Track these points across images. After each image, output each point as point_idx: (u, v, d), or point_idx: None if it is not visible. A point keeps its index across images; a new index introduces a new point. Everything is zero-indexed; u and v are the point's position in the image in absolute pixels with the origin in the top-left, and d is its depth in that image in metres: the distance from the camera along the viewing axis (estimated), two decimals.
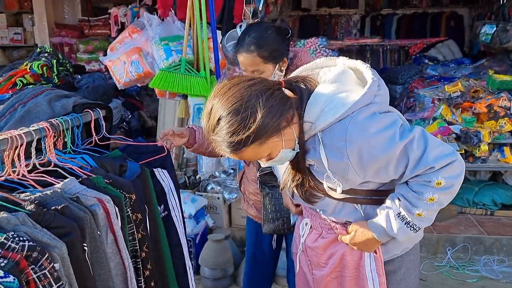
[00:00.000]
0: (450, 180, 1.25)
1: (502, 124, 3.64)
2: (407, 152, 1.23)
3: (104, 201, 1.41)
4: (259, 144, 1.20)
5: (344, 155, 1.24)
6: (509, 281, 3.16)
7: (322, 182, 1.35)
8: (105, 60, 3.23)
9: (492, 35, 3.86)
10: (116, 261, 1.46)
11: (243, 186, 2.23)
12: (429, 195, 1.25)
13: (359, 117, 1.22)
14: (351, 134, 1.21)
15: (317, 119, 1.25)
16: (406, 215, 1.29)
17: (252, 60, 1.88)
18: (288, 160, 1.33)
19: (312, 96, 1.29)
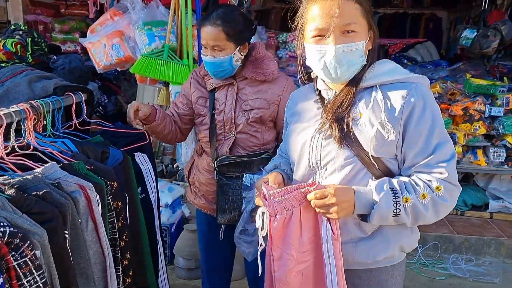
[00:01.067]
0: (447, 197, 1.26)
1: (476, 127, 3.73)
2: (437, 147, 1.25)
3: (86, 188, 1.37)
4: (362, 10, 1.27)
5: (398, 111, 1.27)
6: (476, 279, 3.26)
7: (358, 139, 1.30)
8: (85, 42, 3.14)
9: (472, 40, 3.94)
10: (95, 249, 1.43)
11: (193, 176, 2.20)
12: (425, 190, 1.25)
13: (422, 87, 1.29)
14: (412, 95, 1.26)
15: (382, 74, 1.31)
16: (398, 192, 1.25)
17: (216, 34, 1.88)
18: (354, 60, 1.28)
19: (381, 61, 1.37)
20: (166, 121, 2.04)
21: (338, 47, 1.26)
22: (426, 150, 1.26)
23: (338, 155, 1.33)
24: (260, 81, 2.01)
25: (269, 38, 5.67)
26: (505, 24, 3.97)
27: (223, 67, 1.94)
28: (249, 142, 2.03)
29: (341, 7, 1.24)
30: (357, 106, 1.32)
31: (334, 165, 1.34)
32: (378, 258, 1.35)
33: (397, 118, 1.27)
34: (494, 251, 3.56)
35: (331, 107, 1.35)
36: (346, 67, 1.29)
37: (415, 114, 1.26)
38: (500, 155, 3.78)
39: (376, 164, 1.31)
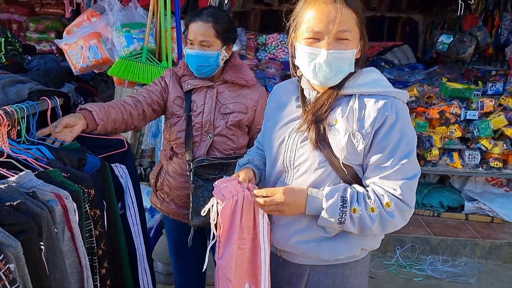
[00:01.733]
0: (396, 214, 1.29)
1: (452, 130, 3.80)
2: (399, 163, 1.28)
3: (62, 197, 1.33)
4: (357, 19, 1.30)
5: (370, 122, 1.29)
6: (452, 280, 3.32)
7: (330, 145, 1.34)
8: (61, 43, 3.07)
9: (449, 45, 4.01)
10: (71, 259, 1.39)
11: (161, 181, 2.17)
12: (374, 204, 1.29)
13: (398, 103, 1.32)
14: (386, 109, 1.29)
15: (363, 84, 1.34)
16: (347, 202, 1.29)
17: (206, 30, 1.92)
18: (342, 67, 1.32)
19: (367, 69, 1.39)
20: (111, 115, 1.89)
21: (330, 52, 1.28)
22: (386, 164, 1.29)
23: (311, 158, 1.36)
24: (239, 85, 2.05)
25: (248, 40, 5.67)
26: (480, 30, 4.06)
27: (209, 62, 1.97)
28: (226, 145, 2.04)
29: (340, 14, 1.26)
30: (334, 112, 1.35)
31: (305, 167, 1.38)
32: (340, 257, 1.41)
33: (368, 129, 1.30)
34: (469, 252, 3.63)
35: (311, 109, 1.38)
36: (334, 73, 1.32)
37: (384, 128, 1.29)
38: (475, 157, 3.86)
39: (345, 170, 1.34)
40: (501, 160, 3.88)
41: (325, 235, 1.40)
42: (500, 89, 4.24)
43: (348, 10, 1.28)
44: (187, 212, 2.08)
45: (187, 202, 2.07)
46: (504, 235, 3.71)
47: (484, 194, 4.05)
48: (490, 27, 5.23)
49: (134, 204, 1.92)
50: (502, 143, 3.79)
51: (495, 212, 3.92)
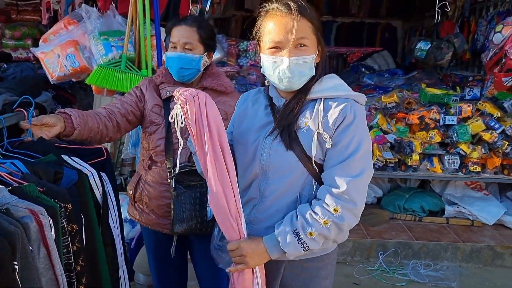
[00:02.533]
0: (345, 215, 1.37)
1: (432, 136, 3.84)
2: (349, 159, 1.38)
3: (37, 213, 1.29)
4: (313, 28, 1.41)
5: (331, 122, 1.40)
6: (434, 284, 3.35)
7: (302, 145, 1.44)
8: (37, 52, 3.01)
9: (427, 52, 4.07)
10: (48, 276, 1.35)
11: (140, 192, 2.13)
12: (324, 217, 1.37)
13: (357, 105, 1.44)
14: (346, 110, 1.40)
15: (327, 89, 1.45)
16: (300, 232, 1.39)
17: (190, 33, 1.96)
18: (304, 71, 1.42)
19: (328, 76, 1.51)
20: (88, 123, 1.86)
21: (291, 59, 1.39)
22: (337, 160, 1.40)
23: (285, 159, 1.45)
24: (218, 92, 2.08)
25: (229, 46, 5.66)
26: (457, 37, 4.14)
27: (191, 65, 1.99)
28: None
29: (296, 24, 1.37)
30: (303, 115, 1.46)
31: (281, 168, 1.47)
32: (314, 251, 1.48)
33: (330, 128, 1.41)
34: (451, 255, 3.66)
35: (283, 114, 1.47)
36: (297, 77, 1.43)
37: (341, 127, 1.40)
38: (455, 162, 3.91)
39: (317, 168, 1.44)
40: (479, 164, 3.93)
41: None
42: (477, 94, 4.32)
43: (303, 19, 1.39)
44: (168, 222, 2.05)
45: (167, 211, 2.05)
46: (484, 238, 3.76)
47: (464, 198, 4.10)
48: (467, 33, 5.34)
49: (115, 209, 1.89)
50: (480, 148, 3.85)
51: (475, 216, 3.97)
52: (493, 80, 3.74)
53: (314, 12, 1.43)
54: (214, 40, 2.07)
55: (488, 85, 4.27)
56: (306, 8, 1.40)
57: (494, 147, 3.84)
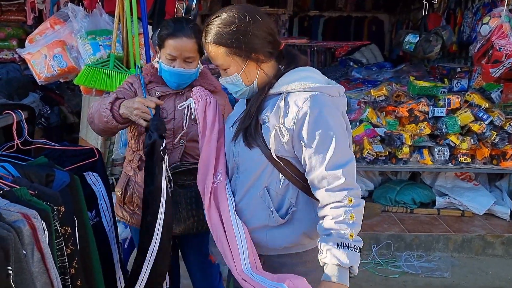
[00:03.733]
0: (357, 200, 1.37)
1: (421, 128, 3.87)
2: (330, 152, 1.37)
3: (30, 216, 1.28)
4: (227, 50, 1.44)
5: (292, 117, 1.41)
6: (427, 275, 3.38)
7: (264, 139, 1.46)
8: (23, 53, 2.96)
9: (415, 45, 4.09)
10: (43, 280, 1.34)
11: (130, 194, 2.09)
12: (347, 214, 1.35)
13: (322, 96, 1.42)
14: (307, 103, 1.39)
15: (290, 82, 1.45)
16: (344, 242, 1.33)
17: (192, 46, 1.91)
18: (234, 89, 1.53)
19: (299, 68, 1.50)
20: None
21: (222, 80, 1.54)
22: (321, 155, 1.38)
23: (249, 155, 1.50)
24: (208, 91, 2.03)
25: None
26: (445, 30, 4.16)
27: (190, 78, 1.99)
28: (198, 151, 2.00)
29: (209, 52, 1.49)
30: (266, 110, 1.48)
31: (246, 164, 1.52)
32: (286, 245, 1.52)
33: (291, 123, 1.41)
34: (442, 246, 3.70)
35: (244, 116, 1.53)
36: (235, 91, 1.55)
37: (308, 121, 1.39)
38: (445, 153, 3.94)
39: (281, 162, 1.46)
40: (469, 155, 3.98)
41: (270, 224, 1.51)
42: (465, 85, 4.35)
43: (214, 47, 1.45)
44: None
45: None
46: (475, 228, 3.80)
47: (454, 189, 4.15)
48: (453, 25, 5.37)
49: (109, 210, 1.89)
50: (469, 139, 3.89)
51: (465, 206, 4.01)
52: (481, 72, 3.77)
53: (225, 34, 1.42)
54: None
55: (476, 76, 4.30)
56: (217, 35, 1.43)
57: (483, 137, 3.89)
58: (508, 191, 4.14)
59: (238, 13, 1.42)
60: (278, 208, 1.50)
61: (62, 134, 4.59)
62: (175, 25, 1.91)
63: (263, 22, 1.44)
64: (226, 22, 1.41)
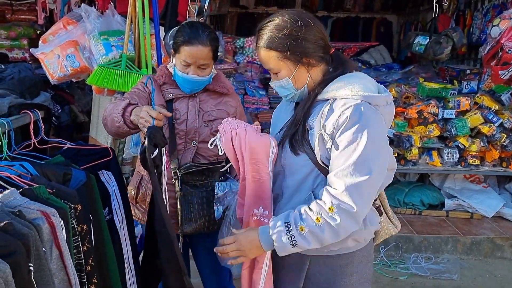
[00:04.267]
0: (340, 216, 1.35)
1: (430, 130, 3.87)
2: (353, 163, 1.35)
3: (49, 214, 1.30)
4: (279, 55, 1.45)
5: (333, 123, 1.39)
6: (436, 277, 3.38)
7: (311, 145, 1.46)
8: (37, 53, 3.00)
9: (425, 46, 4.08)
10: (60, 277, 1.36)
11: (143, 193, 2.14)
12: (317, 214, 1.37)
13: (365, 105, 1.39)
14: (349, 111, 1.37)
15: (337, 89, 1.45)
16: (292, 225, 1.39)
17: (207, 54, 1.93)
18: (284, 92, 1.53)
19: (349, 74, 1.49)
20: None
21: (272, 84, 1.56)
22: (339, 162, 1.38)
23: (295, 161, 1.49)
24: (219, 94, 2.10)
25: (226, 43, 5.65)
26: (456, 32, 4.15)
27: (204, 84, 2.02)
28: (210, 152, 2.04)
29: (264, 58, 1.50)
30: (313, 116, 1.48)
31: (292, 168, 1.51)
32: (333, 248, 1.50)
33: (331, 129, 1.40)
34: (451, 248, 3.70)
35: (291, 122, 1.53)
36: (285, 95, 1.56)
37: (343, 128, 1.37)
38: (454, 155, 3.93)
39: (327, 167, 1.44)
40: (478, 158, 3.96)
41: None
42: (475, 87, 4.34)
43: (266, 51, 1.47)
44: (172, 222, 2.05)
45: (171, 211, 2.04)
46: (484, 231, 3.79)
47: (463, 191, 4.14)
48: (462, 26, 5.36)
49: (121, 208, 1.91)
50: (479, 141, 3.88)
51: (474, 208, 4.00)
52: (490, 74, 3.77)
53: (279, 39, 1.43)
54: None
55: (485, 78, 4.29)
56: (269, 40, 1.44)
57: (492, 140, 3.87)
58: None
59: (290, 18, 1.43)
60: None
61: (72, 133, 4.62)
62: (191, 32, 1.92)
63: (314, 27, 1.45)
64: (278, 27, 1.43)
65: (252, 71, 5.47)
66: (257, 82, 5.45)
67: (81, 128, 4.81)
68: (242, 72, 5.48)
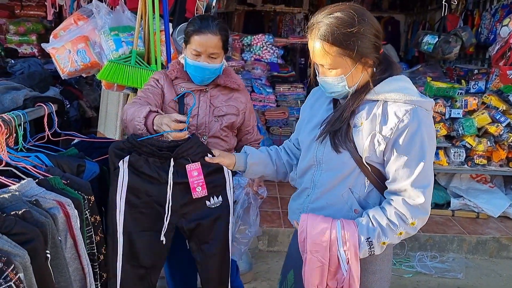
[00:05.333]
0: (418, 226, 1.43)
1: (437, 129, 3.87)
2: (418, 170, 1.38)
3: (65, 204, 1.33)
4: (340, 51, 1.39)
5: (391, 127, 1.40)
6: (441, 276, 3.39)
7: (355, 144, 1.46)
8: (48, 48, 3.02)
9: (434, 45, 4.08)
10: (74, 266, 1.39)
11: None
12: (401, 229, 1.41)
13: (421, 111, 1.40)
14: (408, 117, 1.38)
15: (389, 91, 1.44)
16: (374, 241, 1.43)
17: (217, 42, 1.95)
18: (333, 89, 1.48)
19: (396, 77, 1.48)
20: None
21: (320, 78, 1.50)
22: (408, 170, 1.39)
23: (336, 157, 1.50)
24: (230, 89, 2.12)
25: (233, 41, 5.67)
26: (465, 31, 4.15)
27: (214, 74, 2.03)
28: (219, 146, 2.07)
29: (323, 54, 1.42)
30: (360, 115, 1.47)
31: (333, 163, 1.52)
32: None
33: (388, 133, 1.40)
34: (456, 247, 3.70)
35: (332, 118, 1.53)
36: (330, 91, 1.51)
37: (405, 135, 1.38)
38: (460, 155, 3.94)
39: (369, 167, 1.47)
40: (485, 157, 3.96)
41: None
42: (482, 87, 4.34)
43: (328, 45, 1.40)
44: None
45: None
46: (490, 230, 3.80)
47: (469, 191, 4.14)
48: (470, 26, 5.34)
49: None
50: (486, 141, 3.88)
51: (480, 208, 4.00)
52: (498, 73, 3.76)
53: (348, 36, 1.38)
54: (228, 40, 2.06)
55: (493, 78, 4.29)
56: (332, 34, 1.38)
57: (499, 140, 3.87)
58: None
59: (356, 14, 1.38)
60: (360, 211, 1.50)
61: (81, 128, 4.66)
62: (201, 22, 1.95)
63: (375, 25, 1.42)
64: (344, 23, 1.37)
65: (259, 68, 5.49)
66: (264, 80, 5.47)
67: (89, 123, 4.85)
68: (249, 69, 5.50)
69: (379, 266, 1.57)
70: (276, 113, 5.23)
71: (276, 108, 5.34)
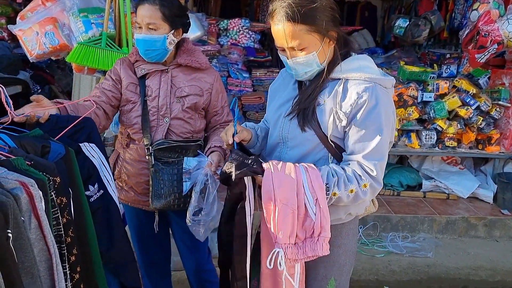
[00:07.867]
0: (368, 192, 1.47)
1: (410, 112, 3.94)
2: (374, 144, 1.44)
3: (27, 184, 1.31)
4: (308, 28, 1.42)
5: (350, 104, 1.46)
6: (412, 255, 3.48)
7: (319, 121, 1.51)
8: (15, 29, 2.95)
9: (405, 29, 4.13)
10: (39, 247, 1.38)
11: (118, 170, 2.16)
12: (353, 186, 1.45)
13: (380, 89, 1.47)
14: (367, 93, 1.44)
15: (350, 70, 1.50)
16: (330, 190, 1.45)
17: (153, 13, 1.93)
18: (305, 69, 1.50)
19: (357, 56, 1.55)
20: (80, 112, 1.89)
21: (292, 60, 1.50)
22: (364, 144, 1.46)
23: (301, 135, 1.55)
24: (193, 69, 2.08)
25: (210, 25, 5.62)
26: (434, 14, 4.20)
27: (155, 46, 1.97)
28: (183, 129, 2.06)
29: (288, 32, 1.43)
30: (324, 93, 1.53)
31: (296, 141, 1.57)
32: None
33: (348, 109, 1.47)
34: (427, 227, 3.80)
35: (301, 97, 1.57)
36: (303, 72, 1.53)
37: (363, 111, 1.45)
38: (432, 137, 4.02)
39: (332, 144, 1.54)
40: (455, 140, 4.06)
41: None
42: (454, 71, 4.42)
43: (298, 25, 1.41)
44: (147, 199, 2.09)
45: (146, 188, 2.09)
46: (459, 211, 3.91)
47: (440, 173, 4.24)
48: (445, 11, 5.41)
49: (112, 180, 1.86)
50: (456, 123, 3.97)
51: (451, 189, 4.11)
52: (468, 57, 3.83)
53: (313, 12, 1.41)
54: (182, 17, 2.02)
55: (465, 62, 4.37)
56: (297, 13, 1.40)
57: (469, 122, 3.96)
58: (492, 175, 4.24)
59: None
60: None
61: None
62: None
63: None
64: (305, 0, 1.41)
65: (236, 53, 5.46)
66: (241, 65, 5.44)
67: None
68: (226, 54, 5.46)
69: (344, 239, 1.63)
70: (253, 97, 5.23)
71: (252, 92, 5.33)
